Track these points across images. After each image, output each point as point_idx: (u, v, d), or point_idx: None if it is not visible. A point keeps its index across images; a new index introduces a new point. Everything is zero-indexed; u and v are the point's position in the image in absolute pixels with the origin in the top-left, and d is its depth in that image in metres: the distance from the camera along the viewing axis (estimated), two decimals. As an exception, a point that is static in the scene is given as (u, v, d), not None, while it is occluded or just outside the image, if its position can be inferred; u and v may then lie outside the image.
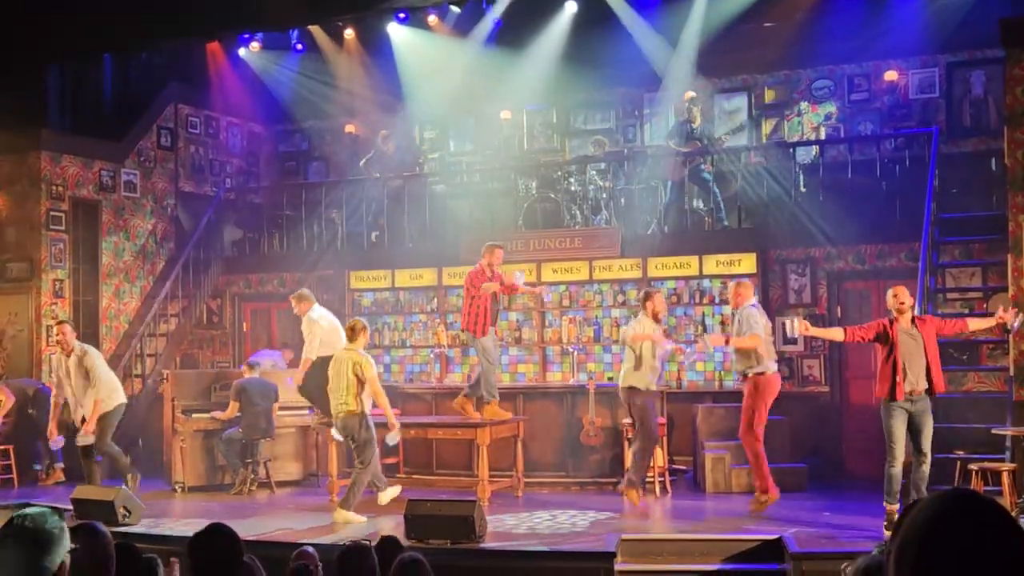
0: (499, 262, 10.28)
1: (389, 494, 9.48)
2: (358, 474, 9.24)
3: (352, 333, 9.35)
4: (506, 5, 13.52)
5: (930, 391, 8.09)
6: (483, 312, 10.07)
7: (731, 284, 9.78)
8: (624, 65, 13.64)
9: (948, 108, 13.00)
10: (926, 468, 8.07)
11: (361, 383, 9.08)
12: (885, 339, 8.14)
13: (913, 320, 8.19)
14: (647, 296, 9.67)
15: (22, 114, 13.34)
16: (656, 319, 9.51)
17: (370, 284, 13.92)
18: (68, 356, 9.98)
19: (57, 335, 10.10)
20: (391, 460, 11.65)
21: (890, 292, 8.32)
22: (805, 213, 12.44)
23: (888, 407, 8.06)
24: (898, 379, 8.00)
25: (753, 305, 9.20)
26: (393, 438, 9.46)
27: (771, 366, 9.00)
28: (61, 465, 11.97)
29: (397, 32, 14.41)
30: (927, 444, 8.07)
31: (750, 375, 8.95)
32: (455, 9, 12.74)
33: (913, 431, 8.07)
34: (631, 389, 9.35)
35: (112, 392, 10.14)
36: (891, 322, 8.15)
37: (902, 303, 8.14)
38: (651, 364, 9.35)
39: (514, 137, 15.42)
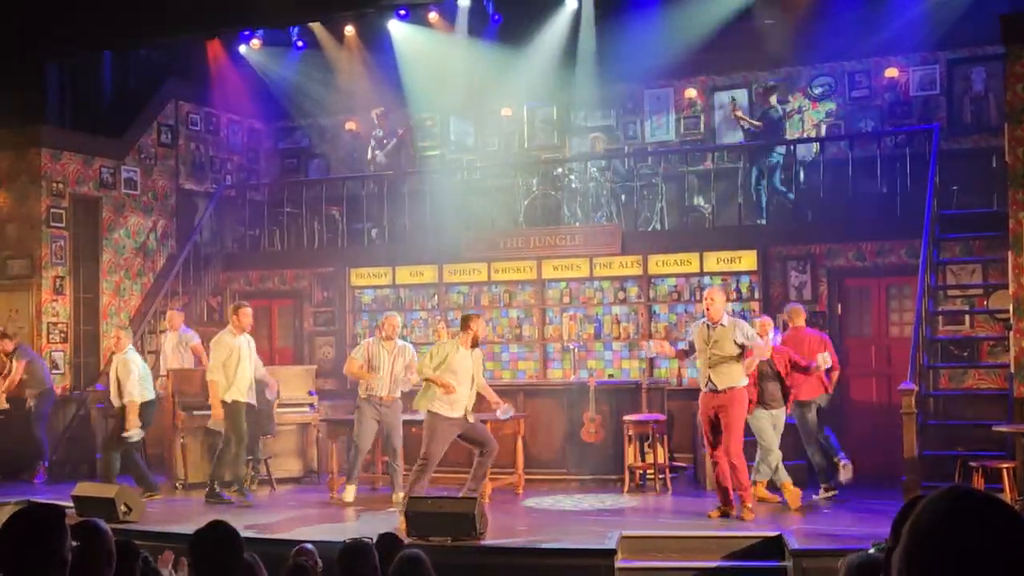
0: (770, 327, 9.64)
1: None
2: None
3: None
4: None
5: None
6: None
7: (707, 291, 9.21)
8: (625, 62, 13.63)
9: (949, 105, 12.99)
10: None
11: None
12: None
13: None
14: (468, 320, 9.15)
15: (22, 111, 13.33)
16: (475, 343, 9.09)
17: (371, 281, 13.92)
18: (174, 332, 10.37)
19: (168, 320, 10.47)
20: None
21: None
22: (806, 210, 12.45)
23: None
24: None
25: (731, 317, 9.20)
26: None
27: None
28: (46, 464, 11.90)
29: (398, 29, 14.40)
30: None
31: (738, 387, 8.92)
32: (463, 3, 12.71)
33: None
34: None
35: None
36: None
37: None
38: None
39: (515, 134, 15.41)
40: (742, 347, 8.65)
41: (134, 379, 10.21)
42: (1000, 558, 1.49)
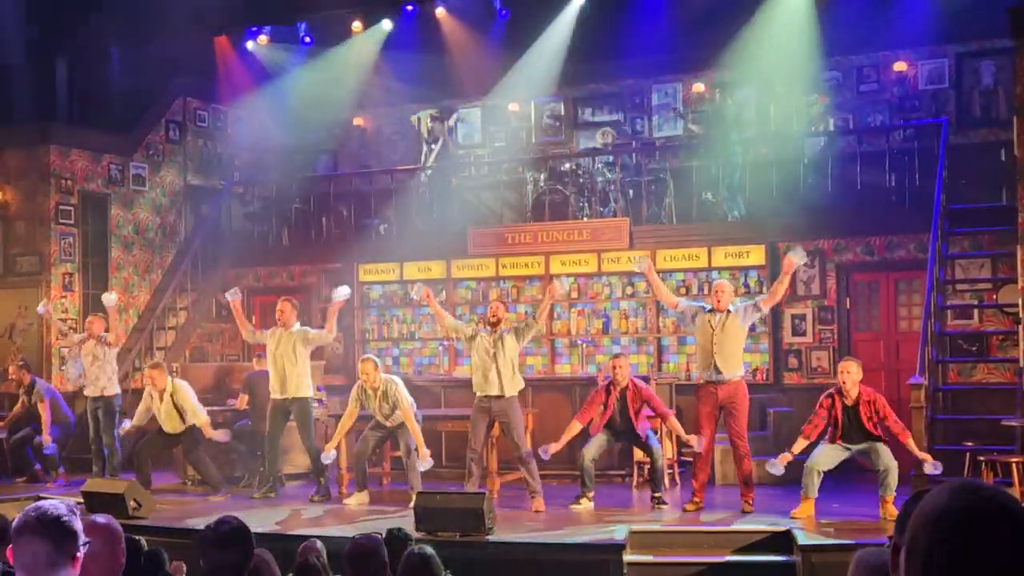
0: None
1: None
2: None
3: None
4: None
5: None
6: None
7: (717, 283, 9.32)
8: (632, 56, 13.61)
9: (958, 99, 12.95)
10: None
11: None
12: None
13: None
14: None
15: (31, 108, 13.37)
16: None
17: (379, 277, 13.93)
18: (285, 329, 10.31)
19: (279, 310, 10.37)
20: (400, 452, 11.65)
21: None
22: (814, 204, 12.42)
23: None
24: None
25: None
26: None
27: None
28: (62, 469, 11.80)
29: (405, 25, 14.39)
30: None
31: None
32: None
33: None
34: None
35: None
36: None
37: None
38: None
39: (522, 129, 15.41)
40: (752, 327, 8.78)
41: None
42: (1005, 552, 1.48)
